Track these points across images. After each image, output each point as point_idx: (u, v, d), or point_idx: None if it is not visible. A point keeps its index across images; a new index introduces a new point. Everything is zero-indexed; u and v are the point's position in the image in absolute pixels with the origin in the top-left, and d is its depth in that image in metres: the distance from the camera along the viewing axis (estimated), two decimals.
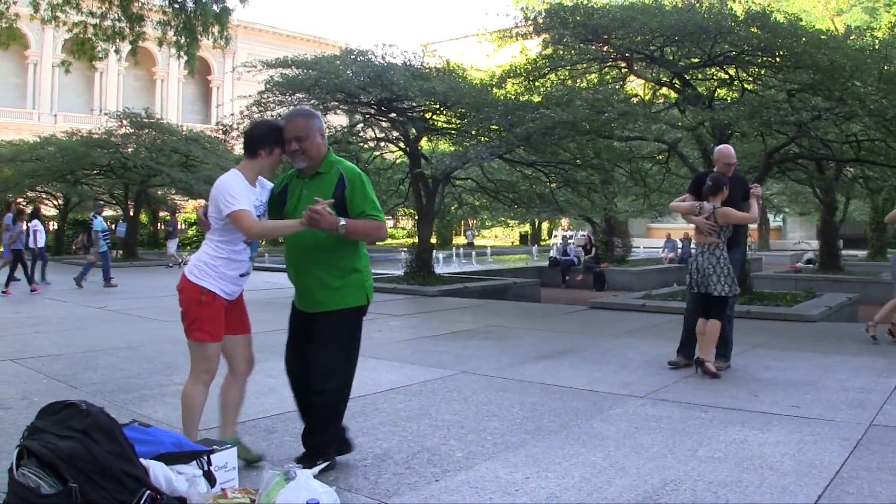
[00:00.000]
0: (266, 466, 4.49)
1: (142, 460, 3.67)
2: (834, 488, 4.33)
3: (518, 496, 4.20)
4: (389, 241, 53.59)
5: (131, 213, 32.72)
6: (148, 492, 3.54)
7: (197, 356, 4.50)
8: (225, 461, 4.03)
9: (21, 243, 18.19)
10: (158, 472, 3.68)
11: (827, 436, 5.39)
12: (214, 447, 4.07)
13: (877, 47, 13.49)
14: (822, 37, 13.04)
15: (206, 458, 3.93)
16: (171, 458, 3.84)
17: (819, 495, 4.22)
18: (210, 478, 3.88)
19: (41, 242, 19.47)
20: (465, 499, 4.17)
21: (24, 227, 18.72)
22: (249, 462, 4.62)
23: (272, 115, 18.61)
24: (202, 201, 36.78)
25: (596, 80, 16.09)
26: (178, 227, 29.33)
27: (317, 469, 3.91)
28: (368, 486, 4.39)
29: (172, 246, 27.89)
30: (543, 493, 4.23)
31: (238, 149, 25.23)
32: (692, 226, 8.31)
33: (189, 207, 43.61)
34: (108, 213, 34.14)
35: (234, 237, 4.50)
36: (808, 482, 4.42)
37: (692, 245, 8.24)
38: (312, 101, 17.77)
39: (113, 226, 30.66)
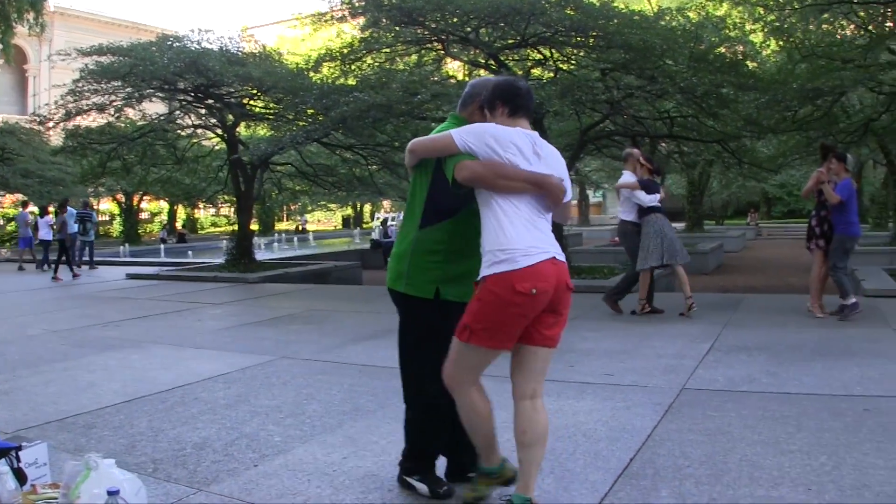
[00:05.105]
0: (68, 459, 4.27)
1: None
2: (646, 451, 4.46)
3: (336, 476, 4.22)
4: (211, 229, 52.67)
5: None
6: None
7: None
8: (35, 457, 3.93)
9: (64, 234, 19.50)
10: None
11: (640, 401, 5.56)
12: (23, 444, 3.97)
13: (688, 28, 14.06)
14: (635, 17, 13.42)
15: (14, 454, 3.84)
16: None
17: (631, 458, 4.33)
18: (20, 475, 3.77)
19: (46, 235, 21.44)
20: (283, 482, 4.16)
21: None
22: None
23: (88, 105, 17.91)
24: (19, 195, 34.90)
25: (414, 63, 16.10)
26: None
27: None
28: (187, 474, 4.35)
29: None
30: (361, 471, 4.26)
31: (55, 140, 24.27)
32: None
33: (7, 202, 41.54)
34: None
35: None
36: (621, 446, 4.54)
37: None
38: (128, 90, 17.21)
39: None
